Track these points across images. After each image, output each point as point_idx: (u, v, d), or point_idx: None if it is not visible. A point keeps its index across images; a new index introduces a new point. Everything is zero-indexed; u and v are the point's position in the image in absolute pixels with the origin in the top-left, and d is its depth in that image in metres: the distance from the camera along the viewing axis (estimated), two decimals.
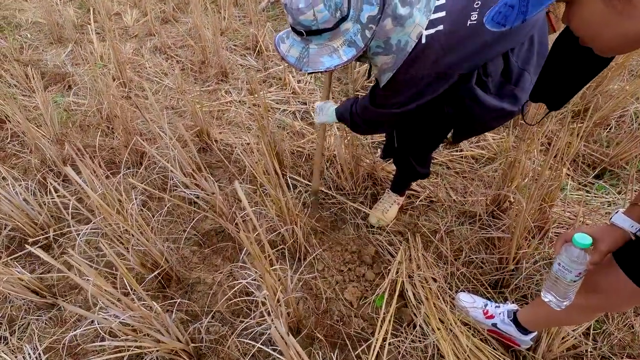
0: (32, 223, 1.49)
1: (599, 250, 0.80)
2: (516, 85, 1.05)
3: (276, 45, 1.02)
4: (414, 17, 0.93)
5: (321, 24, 0.89)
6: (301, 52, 0.96)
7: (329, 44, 0.93)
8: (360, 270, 1.49)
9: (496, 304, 1.27)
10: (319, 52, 0.94)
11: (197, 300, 1.39)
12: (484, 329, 1.28)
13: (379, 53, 0.99)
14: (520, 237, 1.30)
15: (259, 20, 3.32)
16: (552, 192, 1.33)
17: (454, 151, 2.08)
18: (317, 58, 0.93)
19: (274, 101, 2.48)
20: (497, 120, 1.13)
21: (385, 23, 0.94)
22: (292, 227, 1.37)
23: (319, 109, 1.35)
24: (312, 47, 0.94)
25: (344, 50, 0.93)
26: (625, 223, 0.78)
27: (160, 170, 1.76)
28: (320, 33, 0.91)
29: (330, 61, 0.94)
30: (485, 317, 1.25)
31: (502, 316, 1.21)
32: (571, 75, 0.75)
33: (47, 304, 1.35)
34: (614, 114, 2.05)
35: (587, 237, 0.79)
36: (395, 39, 0.95)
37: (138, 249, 1.27)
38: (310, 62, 0.94)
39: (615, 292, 0.83)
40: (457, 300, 1.33)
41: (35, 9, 3.84)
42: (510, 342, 1.22)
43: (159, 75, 2.75)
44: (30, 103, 2.39)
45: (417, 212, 1.74)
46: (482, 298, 1.32)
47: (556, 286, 0.85)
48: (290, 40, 0.99)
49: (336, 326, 1.31)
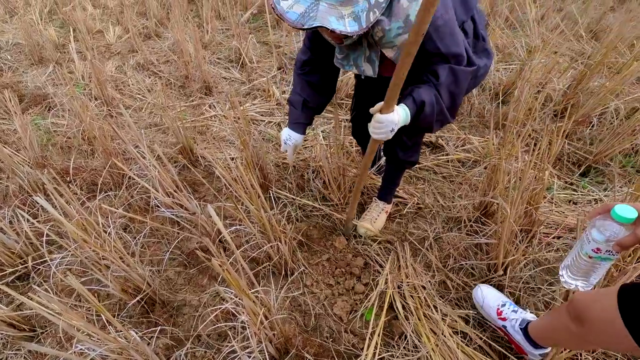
0: (9, 252, 1.44)
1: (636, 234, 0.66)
2: (484, 41, 1.17)
3: (274, 4, 0.96)
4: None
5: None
6: (308, 7, 0.93)
7: (339, 7, 0.92)
8: (350, 283, 1.47)
9: (515, 307, 1.23)
10: (328, 11, 0.92)
11: (183, 323, 1.35)
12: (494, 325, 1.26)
13: (400, 34, 1.01)
14: (507, 243, 1.29)
15: (242, 32, 3.32)
16: (536, 194, 1.32)
17: (440, 155, 2.08)
18: (325, 15, 0.91)
19: (258, 113, 2.46)
20: (483, 75, 1.21)
21: (402, 2, 0.96)
22: (276, 244, 1.34)
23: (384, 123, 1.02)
24: (322, 4, 0.92)
25: (349, 22, 0.93)
26: None
27: (141, 190, 1.73)
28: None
29: (337, 24, 0.92)
30: (498, 317, 1.22)
31: (514, 322, 1.18)
32: None
33: (26, 337, 1.31)
34: (595, 111, 2.06)
35: (633, 211, 0.64)
36: (412, 14, 0.97)
37: (118, 274, 1.24)
38: (319, 17, 0.91)
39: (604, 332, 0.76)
40: (475, 292, 1.31)
41: (15, 30, 3.81)
42: (517, 349, 1.19)
43: (142, 92, 2.72)
44: (11, 127, 2.35)
45: (405, 220, 1.73)
46: (503, 295, 1.29)
47: (574, 259, 0.78)
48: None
49: (326, 344, 1.28)
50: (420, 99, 1.04)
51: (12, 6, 4.37)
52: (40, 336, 1.32)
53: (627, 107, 2.04)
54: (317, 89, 1.34)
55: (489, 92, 2.47)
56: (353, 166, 1.92)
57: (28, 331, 1.30)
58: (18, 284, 1.48)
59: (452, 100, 1.10)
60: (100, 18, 4.01)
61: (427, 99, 1.04)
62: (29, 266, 1.39)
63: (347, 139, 2.15)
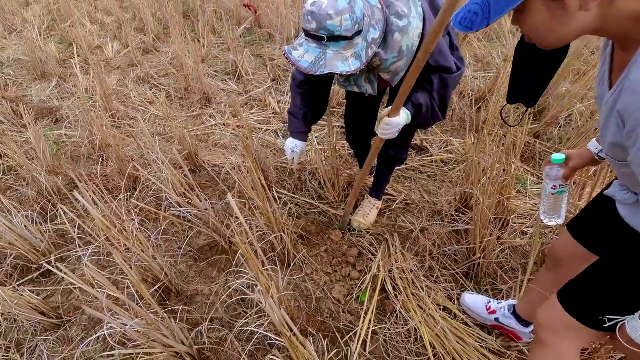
0: (35, 250, 1.57)
1: (569, 167, 1.01)
2: (458, 51, 1.32)
3: (287, 54, 1.13)
4: (412, 24, 1.15)
5: (343, 31, 1.05)
6: (317, 56, 1.09)
7: (343, 52, 1.09)
8: (346, 271, 1.63)
9: (498, 300, 1.38)
10: (335, 58, 1.08)
11: (197, 310, 1.49)
12: (488, 325, 1.39)
13: (395, 62, 1.19)
14: (483, 228, 1.47)
15: (237, 46, 3.51)
16: (506, 185, 1.51)
17: (425, 156, 2.27)
18: (333, 62, 1.08)
19: (256, 122, 2.63)
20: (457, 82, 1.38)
21: (395, 37, 1.14)
22: (280, 235, 1.51)
23: (393, 125, 1.22)
24: (329, 53, 1.08)
25: (352, 62, 1.10)
26: (592, 146, 0.99)
27: (154, 193, 1.88)
28: (338, 40, 1.07)
29: (342, 67, 1.08)
30: (488, 312, 1.35)
31: (503, 310, 1.32)
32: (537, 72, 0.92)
33: (54, 324, 1.43)
34: (562, 114, 2.29)
35: (561, 155, 1.00)
36: (404, 45, 1.16)
37: (139, 264, 1.38)
38: (328, 65, 1.08)
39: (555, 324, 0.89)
40: (462, 300, 1.45)
41: (16, 47, 3.93)
42: (514, 336, 1.32)
43: (144, 104, 2.88)
44: (20, 138, 2.47)
45: (395, 215, 1.90)
46: (484, 296, 1.43)
47: (545, 202, 1.07)
48: (305, 47, 1.11)
49: (327, 322, 1.43)
50: (418, 102, 1.26)
51: (10, 23, 4.50)
52: (66, 324, 1.45)
53: (589, 109, 2.27)
54: (314, 103, 1.51)
55: (469, 98, 2.69)
56: (346, 168, 2.10)
57: (55, 319, 1.43)
58: (42, 281, 1.61)
59: (442, 101, 1.31)
60: (99, 34, 4.17)
61: (423, 102, 1.26)
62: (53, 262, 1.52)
63: (339, 143, 2.34)
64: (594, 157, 0.99)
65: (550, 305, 0.92)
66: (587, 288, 0.86)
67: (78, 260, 1.68)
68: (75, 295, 1.55)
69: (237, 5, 4.17)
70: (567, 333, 0.88)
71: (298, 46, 1.13)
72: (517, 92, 0.99)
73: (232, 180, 2.07)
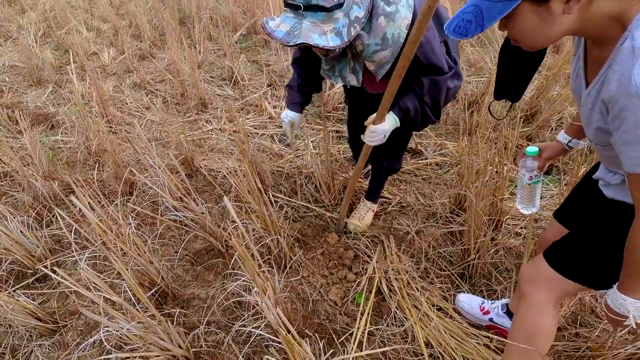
0: (30, 255, 1.57)
1: (542, 158, 1.12)
2: (456, 64, 1.31)
3: (264, 24, 1.08)
4: (400, 12, 1.10)
5: (321, 0, 0.99)
6: (293, 26, 1.03)
7: (321, 25, 1.03)
8: (342, 273, 1.64)
9: (491, 300, 1.40)
10: (311, 29, 1.02)
11: (193, 313, 1.49)
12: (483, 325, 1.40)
13: (378, 50, 1.14)
14: (477, 229, 1.49)
15: (233, 52, 3.54)
16: (499, 187, 1.53)
17: (420, 160, 2.30)
18: (308, 33, 1.02)
19: (252, 127, 2.65)
20: (453, 96, 1.38)
21: (380, 21, 1.09)
22: (276, 238, 1.52)
23: (378, 132, 1.23)
24: (305, 23, 1.03)
25: (331, 37, 1.03)
26: (562, 137, 1.11)
27: (150, 197, 1.88)
28: (316, 10, 1.01)
29: (319, 40, 1.02)
30: (482, 312, 1.38)
31: (497, 310, 1.35)
32: (520, 71, 1.00)
33: (49, 329, 1.43)
34: (554, 117, 2.33)
35: (535, 147, 1.08)
36: (389, 33, 1.11)
37: (135, 268, 1.38)
38: (302, 35, 1.03)
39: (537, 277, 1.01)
40: (456, 301, 1.46)
41: (11, 53, 3.94)
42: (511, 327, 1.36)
43: (141, 110, 2.89)
44: (16, 144, 2.47)
45: (390, 217, 1.92)
46: (479, 297, 1.45)
47: (521, 192, 1.14)
48: (282, 17, 1.07)
49: (323, 324, 1.44)
50: (406, 107, 1.24)
51: (5, 30, 4.51)
52: (62, 329, 1.44)
53: None
54: (309, 77, 1.51)
55: (462, 102, 2.73)
56: (342, 171, 2.11)
57: (51, 324, 1.42)
58: (37, 286, 1.60)
59: (434, 103, 1.29)
60: (95, 41, 4.18)
61: (411, 106, 1.25)
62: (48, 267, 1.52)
63: (334, 147, 2.36)
64: (564, 147, 1.12)
65: (534, 262, 1.04)
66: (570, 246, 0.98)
67: (74, 264, 1.68)
68: (71, 300, 1.55)
69: (232, 12, 4.21)
70: (546, 285, 0.99)
71: (275, 17, 1.09)
72: (502, 89, 1.07)
73: (229, 184, 2.08)
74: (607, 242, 0.90)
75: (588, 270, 0.94)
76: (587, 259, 0.94)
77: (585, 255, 0.94)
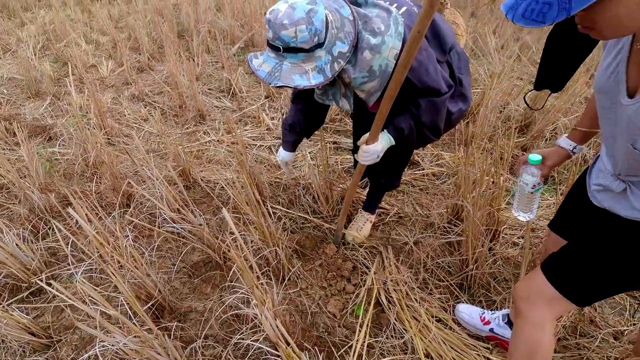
0: (25, 269, 1.55)
1: (547, 165, 1.07)
2: (461, 86, 1.28)
3: (248, 61, 1.08)
4: (387, 43, 1.06)
5: (299, 42, 0.98)
6: (274, 67, 1.02)
7: (302, 65, 1.01)
8: (341, 285, 1.63)
9: (492, 311, 1.39)
10: (292, 70, 1.01)
11: (191, 327, 1.48)
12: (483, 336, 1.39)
13: (366, 82, 1.11)
14: (475, 239, 1.49)
15: (231, 65, 3.58)
16: (495, 197, 1.55)
17: (417, 170, 2.31)
18: (288, 75, 1.01)
19: (250, 138, 2.67)
20: (457, 119, 1.35)
21: (365, 55, 1.06)
22: (275, 249, 1.51)
23: (370, 152, 1.22)
24: (286, 65, 1.01)
25: (313, 75, 1.02)
26: (566, 144, 1.05)
27: (148, 209, 1.88)
28: (296, 52, 1.00)
29: (300, 80, 1.01)
30: (483, 323, 1.36)
31: (497, 320, 1.33)
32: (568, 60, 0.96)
33: (43, 344, 1.40)
34: (548, 127, 2.36)
35: (538, 156, 1.04)
36: (376, 65, 1.08)
37: (132, 281, 1.37)
38: (282, 77, 1.01)
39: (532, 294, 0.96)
40: (456, 312, 1.45)
41: (9, 65, 3.96)
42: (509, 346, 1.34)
43: (139, 122, 2.90)
44: (13, 156, 2.47)
45: (388, 228, 1.92)
46: (478, 307, 1.44)
47: (520, 200, 1.11)
48: (264, 57, 1.06)
49: (322, 337, 1.42)
50: (400, 126, 1.23)
51: (5, 42, 4.54)
52: (56, 344, 1.42)
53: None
54: (306, 116, 1.51)
55: None
56: (340, 182, 2.12)
57: (45, 339, 1.40)
58: (32, 299, 1.58)
59: (433, 124, 1.25)
60: (94, 53, 4.22)
61: (405, 126, 1.22)
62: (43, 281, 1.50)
63: (332, 158, 2.37)
64: (569, 153, 1.07)
65: (529, 277, 0.99)
66: (565, 258, 0.93)
67: (70, 277, 1.66)
68: (66, 314, 1.53)
69: (230, 25, 4.27)
70: (542, 303, 0.94)
71: (259, 55, 1.07)
72: (545, 79, 1.02)
73: (227, 195, 2.08)
74: (598, 256, 0.87)
75: (580, 284, 0.91)
76: (581, 273, 0.91)
77: (579, 268, 0.91)
